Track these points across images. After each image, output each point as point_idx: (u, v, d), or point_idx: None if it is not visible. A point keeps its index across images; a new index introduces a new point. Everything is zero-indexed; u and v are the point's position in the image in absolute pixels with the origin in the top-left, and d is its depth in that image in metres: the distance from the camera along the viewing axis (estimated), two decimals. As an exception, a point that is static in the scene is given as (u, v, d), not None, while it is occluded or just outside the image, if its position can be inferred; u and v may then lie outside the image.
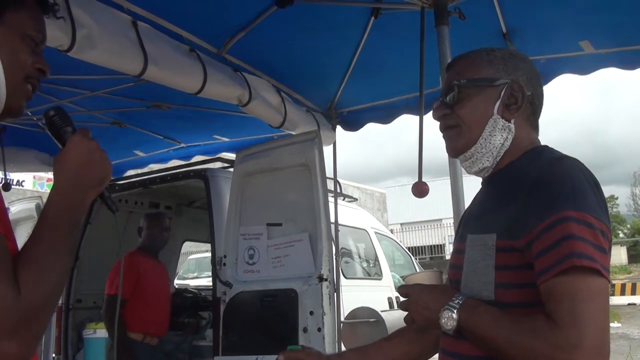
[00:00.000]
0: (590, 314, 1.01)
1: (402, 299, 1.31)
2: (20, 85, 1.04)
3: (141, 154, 4.42)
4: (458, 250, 1.31)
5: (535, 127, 1.33)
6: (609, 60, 3.19)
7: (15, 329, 0.87)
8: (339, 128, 4.04)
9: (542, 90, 1.34)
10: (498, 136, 1.27)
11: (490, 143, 1.27)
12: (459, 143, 1.31)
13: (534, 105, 1.31)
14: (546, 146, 1.29)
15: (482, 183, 1.37)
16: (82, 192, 1.05)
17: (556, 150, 1.26)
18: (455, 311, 1.15)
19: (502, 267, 1.15)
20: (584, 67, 3.26)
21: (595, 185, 1.13)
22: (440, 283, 1.32)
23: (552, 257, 1.05)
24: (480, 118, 1.28)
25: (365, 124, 4.04)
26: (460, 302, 1.16)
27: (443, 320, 1.16)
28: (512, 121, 1.28)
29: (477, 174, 1.35)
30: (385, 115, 3.93)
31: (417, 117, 3.02)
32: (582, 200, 1.08)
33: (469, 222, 1.33)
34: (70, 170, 1.04)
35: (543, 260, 1.06)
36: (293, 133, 3.51)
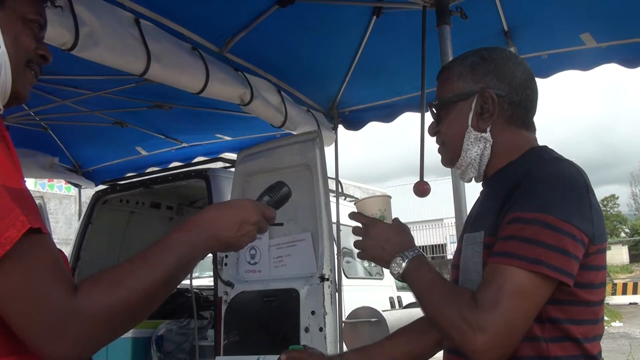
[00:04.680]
0: (509, 309, 1.04)
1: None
2: (23, 70, 1.03)
3: (143, 152, 4.42)
4: (458, 251, 1.34)
5: (524, 126, 1.28)
6: (611, 56, 3.15)
7: (61, 331, 0.84)
8: (341, 127, 4.04)
9: (526, 85, 1.27)
10: (474, 148, 1.28)
11: (468, 156, 1.29)
12: (446, 159, 1.37)
13: (515, 104, 1.26)
14: (545, 147, 1.27)
15: (482, 185, 1.39)
16: (212, 249, 1.07)
17: (553, 151, 1.25)
18: (405, 261, 1.23)
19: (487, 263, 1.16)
20: (586, 62, 3.23)
21: (586, 188, 1.11)
22: (389, 207, 1.37)
23: (502, 247, 1.09)
24: (457, 133, 1.30)
25: (367, 123, 4.03)
26: (414, 255, 1.24)
27: (393, 265, 1.25)
28: (488, 129, 1.26)
29: (470, 181, 1.39)
30: (387, 114, 3.92)
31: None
32: (554, 202, 1.07)
33: (467, 223, 1.35)
34: (225, 229, 1.07)
35: (497, 246, 1.10)
36: (294, 133, 3.50)
